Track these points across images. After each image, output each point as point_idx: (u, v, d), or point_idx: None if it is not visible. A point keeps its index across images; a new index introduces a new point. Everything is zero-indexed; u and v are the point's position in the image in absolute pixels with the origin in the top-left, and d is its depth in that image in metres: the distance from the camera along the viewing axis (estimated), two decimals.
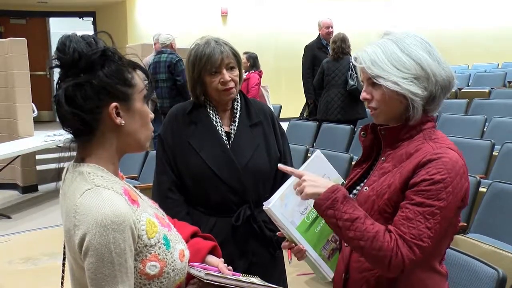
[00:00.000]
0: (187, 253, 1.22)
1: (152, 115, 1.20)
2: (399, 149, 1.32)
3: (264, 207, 1.41)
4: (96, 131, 1.11)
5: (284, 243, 1.47)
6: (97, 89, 1.08)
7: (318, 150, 1.59)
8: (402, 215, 1.23)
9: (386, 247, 1.20)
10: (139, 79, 1.16)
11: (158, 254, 1.11)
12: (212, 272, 1.21)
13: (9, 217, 5.24)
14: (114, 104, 1.10)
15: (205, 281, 1.18)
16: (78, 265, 1.08)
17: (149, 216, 1.14)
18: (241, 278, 1.27)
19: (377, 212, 1.29)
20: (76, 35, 1.11)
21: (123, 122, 1.11)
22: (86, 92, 1.08)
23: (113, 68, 1.10)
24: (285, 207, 1.41)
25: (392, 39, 1.30)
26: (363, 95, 1.34)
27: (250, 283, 1.24)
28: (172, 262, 1.14)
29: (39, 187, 6.18)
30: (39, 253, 4.09)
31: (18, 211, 5.48)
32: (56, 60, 1.10)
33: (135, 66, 1.16)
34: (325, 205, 1.26)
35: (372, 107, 1.34)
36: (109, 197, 1.06)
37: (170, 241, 1.16)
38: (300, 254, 1.44)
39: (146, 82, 1.18)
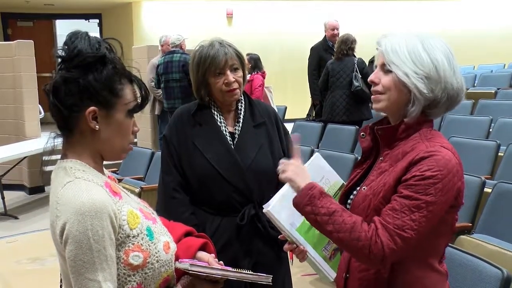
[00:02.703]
0: (173, 245, 1.23)
1: (136, 129, 1.21)
2: (396, 149, 1.34)
3: (264, 210, 1.43)
4: (75, 129, 1.15)
5: (286, 245, 1.48)
6: (81, 89, 1.11)
7: (317, 153, 1.61)
8: (389, 207, 1.26)
9: (364, 236, 1.23)
10: (129, 92, 1.17)
11: (141, 244, 1.13)
12: (198, 263, 1.22)
13: (16, 218, 5.28)
14: (92, 108, 1.12)
15: (190, 272, 1.19)
16: (63, 257, 1.10)
17: (131, 208, 1.16)
18: (229, 269, 1.28)
19: (373, 210, 1.30)
20: (85, 33, 1.14)
21: (97, 127, 1.14)
22: (70, 88, 1.11)
23: (104, 75, 1.13)
24: (285, 209, 1.42)
25: (418, 35, 1.32)
26: (372, 77, 1.36)
27: (237, 272, 1.26)
28: (156, 253, 1.16)
29: (46, 188, 6.21)
30: (46, 254, 4.12)
31: (25, 211, 5.52)
32: (61, 51, 1.14)
33: (132, 79, 1.18)
34: (303, 203, 1.29)
35: (376, 90, 1.35)
36: (87, 187, 1.09)
37: (153, 232, 1.17)
38: (302, 255, 1.45)
39: (140, 98, 1.19)
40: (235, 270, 1.28)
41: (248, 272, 1.30)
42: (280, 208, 1.42)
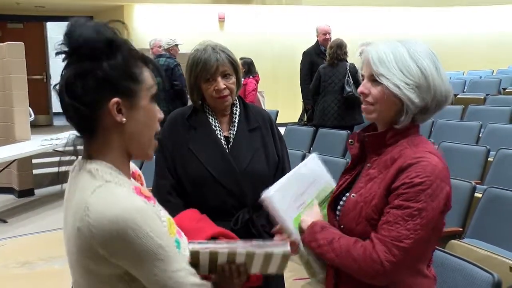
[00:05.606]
0: None
1: (161, 116, 1.09)
2: (384, 155, 1.33)
3: (263, 196, 1.42)
4: (98, 127, 1.02)
5: (277, 237, 1.46)
6: (100, 82, 0.98)
7: (313, 154, 1.59)
8: (383, 220, 1.26)
9: (362, 256, 1.24)
10: (148, 75, 1.06)
11: None
12: (196, 241, 1.13)
13: (5, 221, 5.21)
14: (115, 99, 1.00)
15: (199, 250, 1.10)
16: (85, 269, 1.01)
17: (167, 215, 1.11)
18: (237, 242, 1.18)
19: (364, 219, 1.30)
20: (86, 20, 1.01)
21: (124, 119, 1.02)
22: (87, 83, 0.98)
23: (119, 60, 1.00)
24: (283, 199, 1.43)
25: (402, 42, 1.31)
26: (361, 89, 1.35)
27: (247, 243, 1.14)
28: None
29: (36, 191, 6.16)
30: (35, 258, 4.08)
31: (14, 215, 5.45)
32: (62, 45, 1.00)
33: (146, 60, 1.07)
34: (307, 240, 1.37)
35: (368, 101, 1.35)
36: (122, 193, 0.99)
37: (181, 243, 1.10)
38: (294, 247, 1.44)
39: (158, 79, 1.08)
40: (245, 242, 1.14)
41: (260, 243, 1.14)
42: (279, 198, 1.42)
